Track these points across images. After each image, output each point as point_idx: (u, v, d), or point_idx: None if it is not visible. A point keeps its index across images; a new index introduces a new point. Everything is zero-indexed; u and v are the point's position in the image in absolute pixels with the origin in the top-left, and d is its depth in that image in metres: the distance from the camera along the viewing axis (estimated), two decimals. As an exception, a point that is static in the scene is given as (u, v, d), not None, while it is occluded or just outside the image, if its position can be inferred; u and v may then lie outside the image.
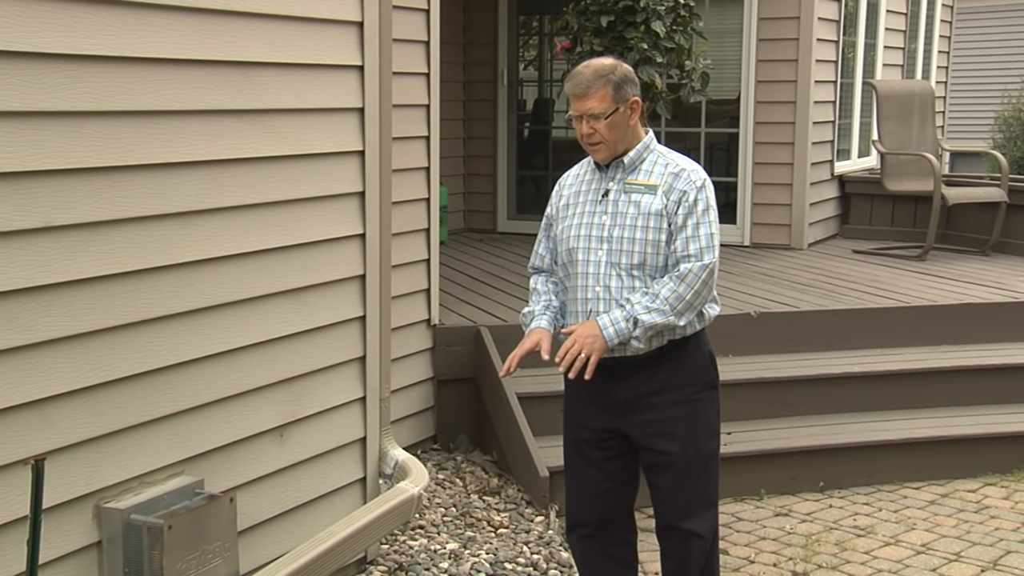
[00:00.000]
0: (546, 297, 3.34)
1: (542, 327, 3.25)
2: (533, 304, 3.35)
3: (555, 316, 3.31)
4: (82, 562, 2.97)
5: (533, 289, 3.39)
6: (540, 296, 3.35)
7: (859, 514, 4.80)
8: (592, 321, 3.13)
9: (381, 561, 4.12)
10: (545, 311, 3.31)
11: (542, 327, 3.25)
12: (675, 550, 3.32)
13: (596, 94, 3.16)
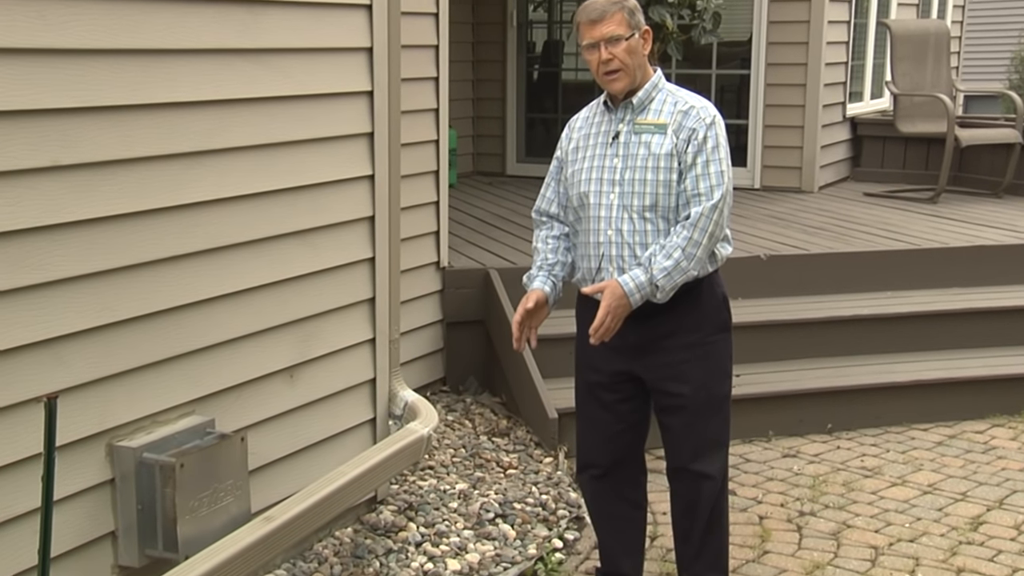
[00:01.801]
0: (542, 256, 3.34)
1: (534, 287, 3.28)
2: (534, 263, 3.36)
3: (551, 271, 3.31)
4: (96, 499, 3.00)
5: (535, 248, 3.39)
6: (538, 255, 3.36)
7: (867, 455, 4.82)
8: (616, 284, 3.10)
9: (391, 501, 4.15)
10: (539, 271, 3.32)
11: (534, 287, 3.28)
12: (685, 491, 3.34)
13: (613, 18, 3.14)
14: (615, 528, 3.49)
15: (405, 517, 4.06)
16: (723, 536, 3.39)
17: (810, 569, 3.75)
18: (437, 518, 4.08)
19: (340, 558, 3.75)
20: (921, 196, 7.79)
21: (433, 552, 3.83)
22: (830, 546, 3.94)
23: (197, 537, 3.08)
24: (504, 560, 3.81)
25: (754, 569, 3.75)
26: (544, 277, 3.30)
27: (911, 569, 3.77)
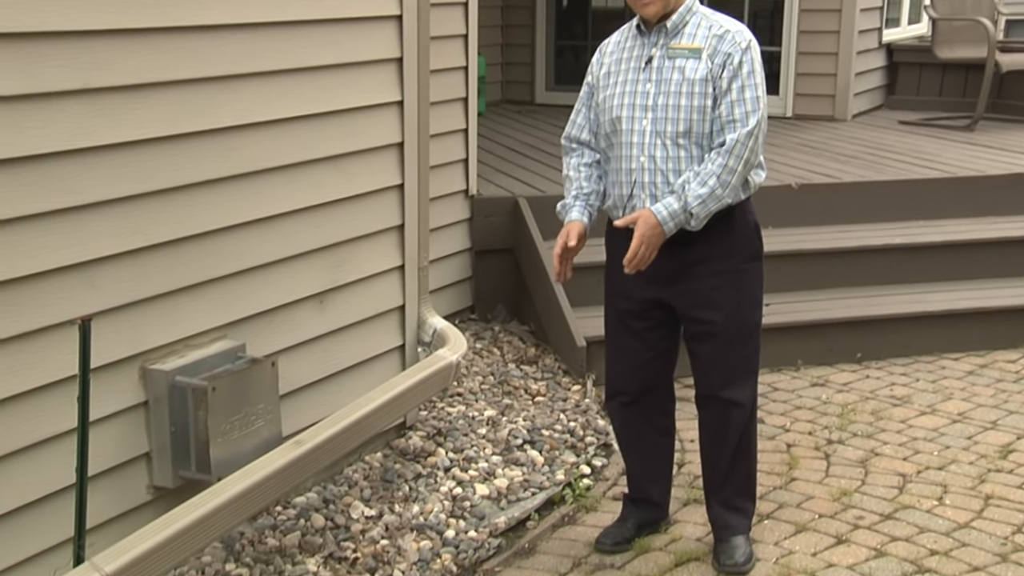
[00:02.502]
0: (576, 184, 3.29)
1: (572, 219, 3.23)
2: (566, 194, 3.31)
3: (587, 202, 3.27)
4: (130, 421, 3.04)
5: (566, 176, 3.34)
6: (571, 183, 3.30)
7: (896, 384, 4.81)
8: (649, 213, 3.07)
9: (420, 427, 4.19)
10: (575, 201, 3.27)
11: (572, 219, 3.23)
12: (714, 418, 3.35)
13: None
14: (643, 455, 3.51)
15: (434, 443, 4.09)
16: (751, 463, 3.40)
17: (837, 496, 3.76)
18: (466, 444, 4.12)
19: (370, 482, 3.80)
20: (958, 123, 7.66)
21: (462, 477, 3.87)
22: (858, 473, 3.95)
23: (229, 459, 3.12)
24: (532, 485, 3.84)
25: (781, 496, 3.76)
26: (581, 207, 3.26)
27: (939, 496, 3.77)
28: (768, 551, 3.39)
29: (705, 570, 3.29)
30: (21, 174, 2.68)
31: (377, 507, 3.63)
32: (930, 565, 3.32)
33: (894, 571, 3.28)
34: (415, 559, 3.35)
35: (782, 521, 3.59)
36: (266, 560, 3.28)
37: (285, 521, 3.50)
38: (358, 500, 3.66)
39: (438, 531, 3.52)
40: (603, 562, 3.36)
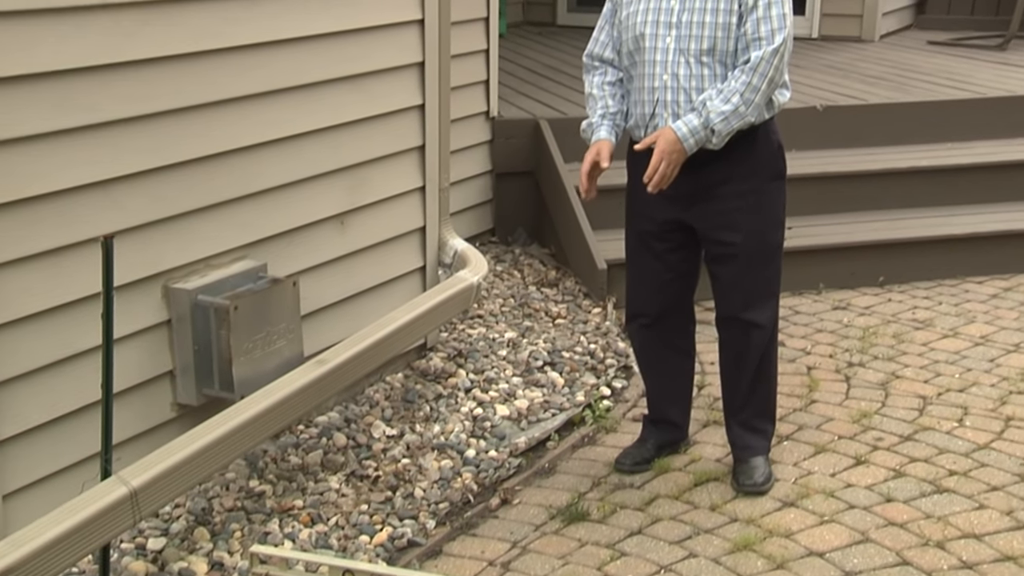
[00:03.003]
0: (602, 103, 3.24)
1: (602, 138, 3.19)
2: (591, 113, 3.26)
3: (614, 121, 3.23)
4: (153, 339, 3.07)
5: (589, 95, 3.28)
6: (596, 102, 3.25)
7: (918, 308, 4.79)
8: (669, 130, 3.04)
9: (441, 348, 4.21)
10: (603, 120, 3.23)
11: (602, 138, 3.19)
12: (734, 340, 3.34)
13: None
14: (663, 376, 3.52)
15: (455, 364, 4.12)
16: (771, 385, 3.41)
17: (857, 418, 3.77)
18: (486, 365, 4.14)
19: (391, 402, 3.83)
20: (989, 43, 7.50)
21: (482, 398, 3.90)
22: (878, 396, 3.95)
23: (252, 378, 3.15)
24: (552, 406, 3.86)
25: (801, 418, 3.78)
26: (609, 126, 3.22)
27: (959, 418, 3.78)
28: (787, 472, 3.41)
29: (724, 490, 3.32)
30: (40, 91, 2.67)
31: (398, 427, 3.67)
32: (948, 485, 3.33)
33: (912, 491, 3.30)
34: (436, 477, 3.39)
35: (801, 442, 3.60)
36: (289, 477, 3.32)
37: (307, 440, 3.54)
38: (379, 420, 3.70)
39: (459, 450, 3.55)
40: (622, 482, 3.39)
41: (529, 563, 2.97)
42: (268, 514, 3.13)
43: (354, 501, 3.24)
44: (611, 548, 3.03)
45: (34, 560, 2.31)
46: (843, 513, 3.17)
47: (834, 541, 3.03)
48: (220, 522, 3.07)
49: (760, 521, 3.14)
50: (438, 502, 3.27)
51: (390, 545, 3.05)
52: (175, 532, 3.01)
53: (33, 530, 2.37)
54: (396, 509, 3.21)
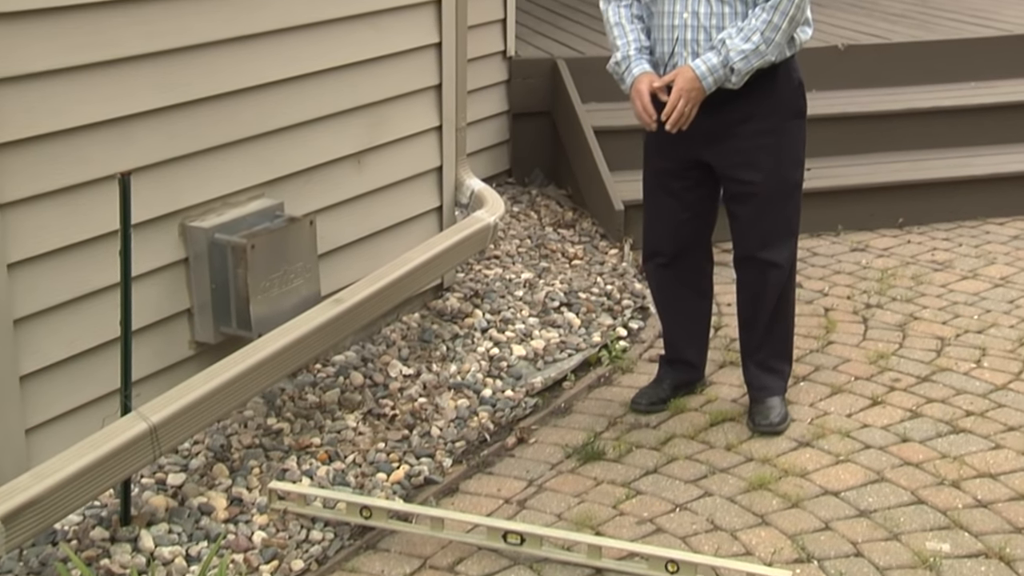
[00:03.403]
0: (633, 36, 3.15)
1: (646, 71, 3.10)
2: (622, 45, 3.15)
3: (649, 55, 3.14)
4: (171, 277, 3.08)
5: (616, 24, 3.18)
6: (626, 33, 3.15)
7: (937, 249, 4.76)
8: (687, 69, 2.99)
9: (457, 288, 4.21)
10: (640, 54, 3.14)
11: (646, 71, 3.10)
12: (752, 280, 3.33)
13: None
14: (680, 316, 3.51)
15: (471, 304, 4.12)
16: (788, 325, 3.40)
17: (874, 359, 3.76)
18: (503, 306, 4.14)
19: (408, 342, 3.84)
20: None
21: (499, 338, 3.91)
22: (895, 337, 3.94)
23: (269, 317, 3.16)
24: (569, 347, 3.87)
25: (818, 358, 3.77)
26: (648, 61, 3.13)
27: (977, 359, 3.76)
28: (803, 412, 3.42)
29: (740, 430, 3.32)
30: (54, 26, 2.65)
31: (415, 366, 3.68)
32: (965, 425, 3.33)
33: (928, 431, 3.30)
34: (452, 416, 3.41)
35: (818, 383, 3.60)
36: (306, 415, 3.35)
37: (324, 378, 3.56)
38: (396, 359, 3.71)
39: (475, 390, 3.57)
40: (638, 422, 3.40)
41: (545, 501, 2.99)
42: (286, 451, 3.16)
43: (371, 439, 3.26)
44: (627, 487, 3.04)
45: (57, 492, 2.34)
46: (859, 453, 3.18)
47: (849, 480, 3.04)
48: (239, 459, 3.10)
49: (775, 461, 3.15)
50: (454, 441, 3.29)
51: (407, 483, 3.08)
52: (194, 468, 3.04)
53: (56, 463, 2.39)
54: (413, 447, 3.24)
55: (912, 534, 2.80)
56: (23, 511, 2.28)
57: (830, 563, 2.69)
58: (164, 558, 2.67)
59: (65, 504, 2.38)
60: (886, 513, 2.89)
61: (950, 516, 2.87)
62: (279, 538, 2.80)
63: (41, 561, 2.62)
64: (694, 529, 2.84)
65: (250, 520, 2.86)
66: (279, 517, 2.87)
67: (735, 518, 2.88)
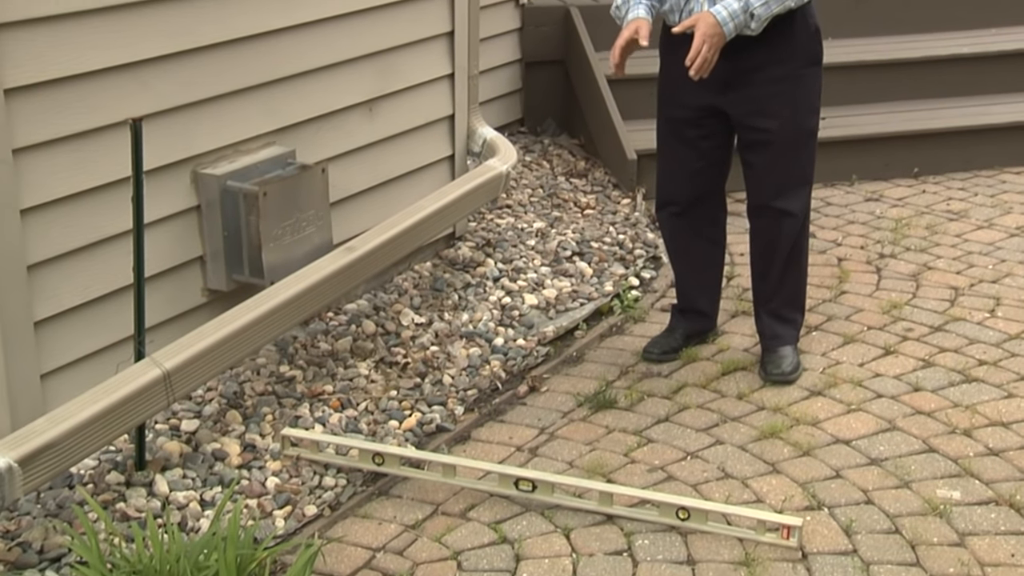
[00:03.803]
0: None
1: (640, 16, 3.08)
2: None
3: (651, 2, 3.13)
4: (183, 224, 3.08)
5: None
6: None
7: (953, 199, 4.73)
8: (708, 14, 2.95)
9: (469, 237, 4.21)
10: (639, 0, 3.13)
11: (640, 16, 3.08)
12: (765, 229, 3.31)
13: None
14: (692, 265, 3.50)
15: (483, 253, 4.12)
16: (801, 275, 3.39)
17: (887, 308, 3.75)
18: (515, 255, 4.13)
19: (419, 290, 3.85)
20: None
21: (511, 287, 3.90)
22: (909, 287, 3.93)
23: (281, 264, 3.16)
24: (581, 296, 3.87)
25: (830, 308, 3.76)
26: (647, 6, 3.11)
27: (991, 308, 3.75)
28: (815, 361, 3.41)
29: (752, 379, 3.33)
30: (63, -30, 2.63)
31: (427, 315, 3.68)
32: (977, 375, 3.32)
33: (941, 380, 3.30)
34: (464, 365, 3.42)
35: (830, 333, 3.60)
36: (319, 363, 3.36)
37: (337, 327, 3.57)
38: (408, 308, 3.71)
39: (487, 339, 3.57)
40: (650, 371, 3.41)
41: (556, 449, 3.00)
42: (298, 399, 3.17)
43: (383, 387, 3.27)
44: (638, 435, 3.05)
45: (72, 437, 2.36)
46: (870, 402, 3.18)
47: (861, 429, 3.04)
48: (251, 406, 3.12)
49: (787, 409, 3.15)
50: (466, 389, 3.30)
51: (419, 430, 3.09)
52: (208, 415, 3.06)
53: (71, 408, 2.41)
54: (425, 395, 3.25)
55: (923, 482, 2.81)
56: (39, 454, 2.30)
57: (840, 510, 2.70)
58: (179, 502, 2.70)
59: (80, 448, 2.40)
60: (897, 461, 2.89)
61: (961, 464, 2.88)
62: (292, 484, 2.82)
63: (58, 504, 2.65)
64: (705, 477, 2.85)
65: (263, 466, 2.88)
66: (292, 463, 2.89)
67: (746, 466, 2.89)
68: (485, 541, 2.61)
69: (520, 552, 2.56)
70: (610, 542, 2.59)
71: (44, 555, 2.48)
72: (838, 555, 2.54)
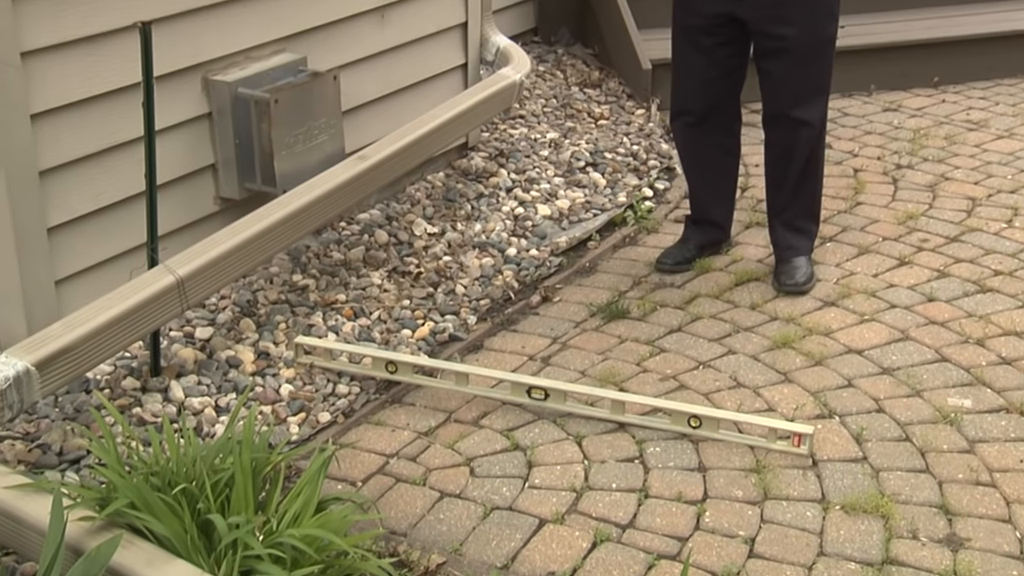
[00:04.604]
0: None
1: None
2: None
3: None
4: (194, 131, 3.06)
5: None
6: None
7: (973, 108, 4.66)
8: None
9: (482, 147, 4.18)
10: None
11: None
12: (781, 138, 3.28)
13: None
14: (706, 175, 3.47)
15: (496, 163, 4.09)
16: (817, 185, 3.36)
17: (903, 219, 3.72)
18: (528, 165, 4.10)
19: (432, 200, 3.83)
20: None
21: (524, 197, 3.88)
22: (925, 198, 3.89)
23: (294, 172, 3.14)
24: (594, 207, 3.85)
25: (845, 219, 3.74)
26: None
27: (1008, 219, 3.72)
28: (829, 272, 3.40)
29: (765, 290, 3.32)
30: None
31: (439, 225, 3.67)
32: (992, 285, 3.31)
33: (955, 291, 3.28)
34: (477, 275, 3.41)
35: (845, 244, 3.58)
36: (331, 272, 3.36)
37: (349, 236, 3.56)
38: (420, 218, 3.70)
39: (500, 249, 3.57)
40: (663, 281, 3.40)
41: (569, 358, 3.01)
42: (312, 307, 3.18)
43: (396, 296, 3.28)
44: (650, 344, 3.06)
45: (88, 342, 2.37)
46: (884, 312, 3.17)
47: (873, 339, 3.04)
48: (265, 314, 3.13)
49: (800, 320, 3.15)
50: (479, 299, 3.30)
51: (432, 339, 3.10)
52: (221, 322, 3.07)
53: (86, 313, 2.42)
54: (437, 305, 3.25)
55: (934, 391, 2.81)
56: (56, 359, 2.31)
57: (851, 419, 2.71)
58: (194, 408, 2.72)
59: (96, 353, 2.42)
60: (909, 371, 2.90)
61: (973, 373, 2.88)
62: (306, 391, 2.84)
63: (76, 408, 2.68)
64: (717, 386, 2.86)
65: (277, 373, 2.90)
66: (305, 371, 2.91)
67: (758, 375, 2.90)
68: (497, 448, 2.63)
69: (532, 459, 2.59)
70: (622, 449, 2.61)
71: (63, 457, 2.52)
72: (848, 462, 2.55)
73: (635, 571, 2.23)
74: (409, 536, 2.35)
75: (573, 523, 2.38)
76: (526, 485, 2.50)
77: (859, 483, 2.48)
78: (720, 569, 2.24)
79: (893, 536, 2.32)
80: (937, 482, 2.49)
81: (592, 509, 2.42)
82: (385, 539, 2.33)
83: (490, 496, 2.47)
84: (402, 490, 2.49)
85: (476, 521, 2.39)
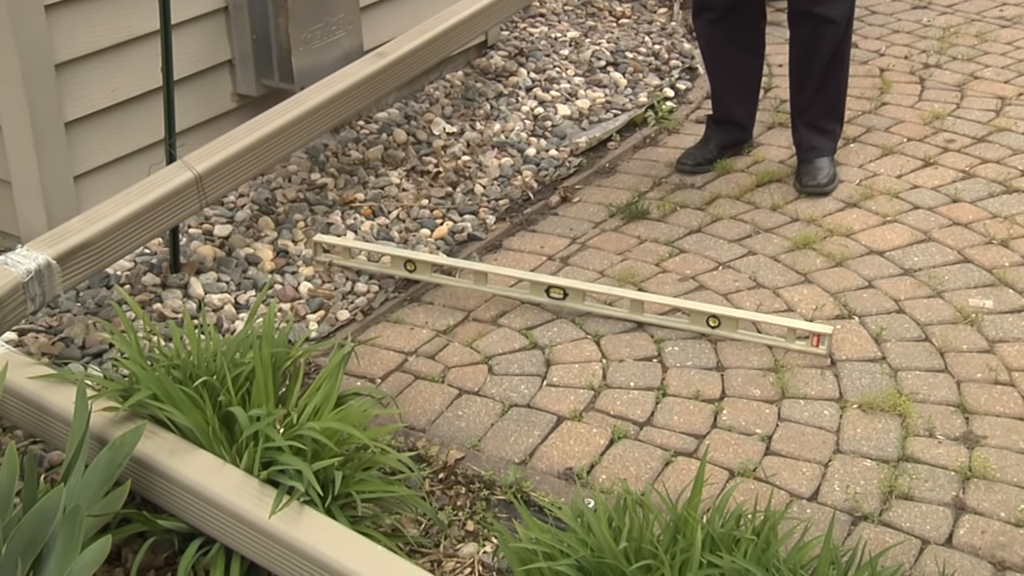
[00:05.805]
0: None
1: None
2: None
3: None
4: (211, 26, 3.02)
5: None
6: None
7: (1007, 4, 4.54)
8: None
9: (502, 46, 4.11)
10: None
11: None
12: (806, 36, 3.21)
13: None
14: (729, 74, 3.42)
15: (516, 63, 4.03)
16: (841, 84, 3.30)
17: (929, 119, 3.66)
18: (548, 64, 4.05)
19: (451, 99, 3.79)
20: None
21: (543, 97, 3.84)
22: (953, 97, 3.82)
23: (311, 69, 3.11)
24: (614, 107, 3.80)
25: (870, 120, 3.68)
26: None
27: (1037, 120, 3.67)
28: (852, 173, 3.36)
29: (787, 191, 3.28)
30: None
31: (458, 124, 3.64)
32: (1019, 185, 3.26)
33: (980, 191, 3.24)
34: (496, 175, 3.39)
35: (868, 144, 3.53)
36: (350, 171, 3.34)
37: (368, 135, 3.53)
38: (439, 117, 3.67)
39: (519, 148, 3.53)
40: (683, 182, 3.37)
41: (588, 258, 3.00)
42: (330, 206, 3.17)
43: (415, 196, 3.26)
44: (670, 245, 3.04)
45: (108, 237, 2.38)
46: (906, 214, 3.14)
47: (895, 240, 3.02)
48: (283, 212, 3.12)
49: (821, 221, 3.12)
50: (498, 198, 3.28)
51: (450, 239, 3.09)
52: (240, 220, 3.07)
53: (105, 208, 2.42)
54: (456, 204, 3.24)
55: (955, 291, 2.80)
56: (76, 253, 2.32)
57: (871, 319, 2.70)
58: (213, 304, 2.74)
59: (116, 248, 2.42)
60: (930, 272, 2.88)
61: (995, 274, 2.86)
62: (325, 289, 2.85)
63: (97, 303, 2.70)
64: (736, 286, 2.85)
65: (296, 271, 2.90)
66: (324, 269, 2.91)
67: (778, 276, 2.88)
68: (516, 346, 2.64)
69: (550, 357, 2.60)
70: (640, 348, 2.62)
71: (86, 350, 2.54)
72: (867, 362, 2.55)
73: (652, 467, 2.25)
74: (428, 432, 2.38)
75: (591, 420, 2.39)
76: (544, 383, 2.51)
77: (877, 382, 2.48)
78: (736, 466, 2.25)
79: (910, 434, 2.33)
80: (955, 381, 2.49)
81: (610, 407, 2.43)
82: (404, 434, 2.36)
83: (508, 393, 2.48)
84: (421, 387, 2.51)
85: (494, 418, 2.41)
